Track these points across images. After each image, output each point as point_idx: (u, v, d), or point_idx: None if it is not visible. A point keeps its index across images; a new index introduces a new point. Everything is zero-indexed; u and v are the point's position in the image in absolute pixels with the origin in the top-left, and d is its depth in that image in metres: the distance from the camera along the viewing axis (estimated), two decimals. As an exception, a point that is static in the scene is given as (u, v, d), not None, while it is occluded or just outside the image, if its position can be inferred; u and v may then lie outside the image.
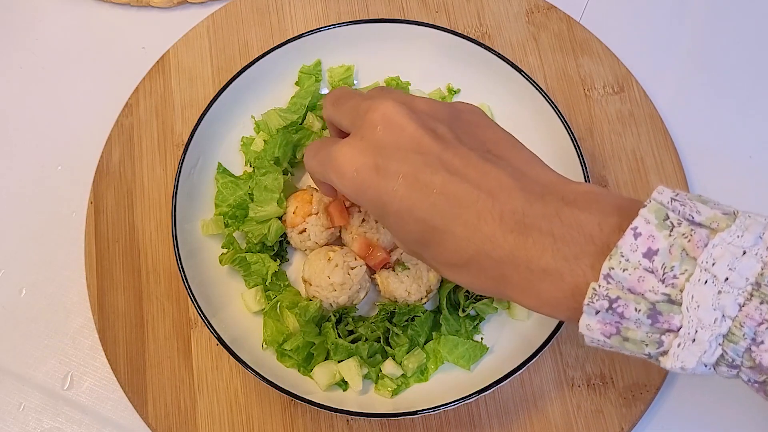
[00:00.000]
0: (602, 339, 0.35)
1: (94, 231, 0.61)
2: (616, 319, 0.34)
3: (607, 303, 0.34)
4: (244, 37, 0.67)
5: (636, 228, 0.34)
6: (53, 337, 0.60)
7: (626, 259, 0.34)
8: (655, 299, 0.33)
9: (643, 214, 0.34)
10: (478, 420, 0.56)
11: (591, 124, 0.64)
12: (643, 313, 0.33)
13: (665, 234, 0.33)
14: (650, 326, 0.34)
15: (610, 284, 0.34)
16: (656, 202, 0.35)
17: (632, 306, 0.34)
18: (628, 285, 0.34)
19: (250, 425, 0.56)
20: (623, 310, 0.34)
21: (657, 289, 0.33)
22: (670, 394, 0.57)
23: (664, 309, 0.33)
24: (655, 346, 0.34)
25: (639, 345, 0.34)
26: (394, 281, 0.56)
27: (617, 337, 0.35)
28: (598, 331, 0.35)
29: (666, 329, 0.33)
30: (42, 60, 0.69)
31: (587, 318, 0.35)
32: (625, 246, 0.34)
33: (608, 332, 0.35)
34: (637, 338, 0.34)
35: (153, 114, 0.65)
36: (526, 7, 0.68)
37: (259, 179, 0.58)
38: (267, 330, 0.56)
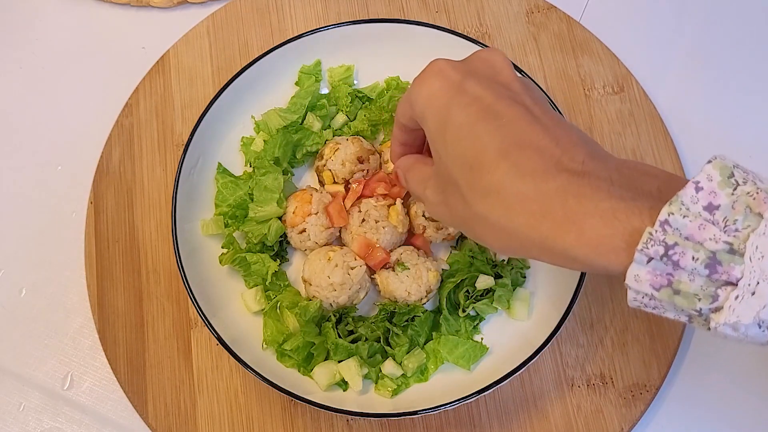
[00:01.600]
0: (650, 292, 0.33)
1: (94, 231, 0.61)
2: (669, 269, 0.32)
3: (663, 249, 0.32)
4: (244, 37, 0.67)
5: (698, 182, 0.33)
6: (53, 337, 0.60)
7: (686, 208, 0.32)
8: (716, 248, 0.31)
9: (707, 169, 0.33)
10: (478, 420, 0.56)
11: (591, 124, 0.64)
12: (701, 262, 0.32)
13: (728, 192, 0.32)
14: (706, 278, 0.32)
15: (667, 230, 0.32)
16: (720, 161, 0.33)
17: (690, 254, 0.32)
18: (687, 232, 0.32)
19: (250, 425, 0.56)
20: (679, 258, 0.32)
21: (719, 238, 0.31)
22: (670, 394, 0.57)
23: (724, 259, 0.31)
24: (709, 300, 0.32)
25: (691, 299, 0.32)
26: (394, 281, 0.56)
27: (667, 290, 0.33)
28: (646, 282, 0.33)
29: (724, 281, 0.32)
30: (42, 60, 0.69)
31: (636, 267, 0.33)
32: (686, 196, 0.32)
33: (658, 284, 0.33)
34: (689, 291, 0.32)
35: (153, 114, 0.65)
36: (526, 7, 0.68)
37: (259, 179, 0.58)
38: (267, 330, 0.56)
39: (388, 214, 0.57)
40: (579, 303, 0.58)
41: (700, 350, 0.59)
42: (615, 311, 0.58)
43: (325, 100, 0.63)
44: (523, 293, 0.58)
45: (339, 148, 0.59)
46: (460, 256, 0.58)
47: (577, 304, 0.54)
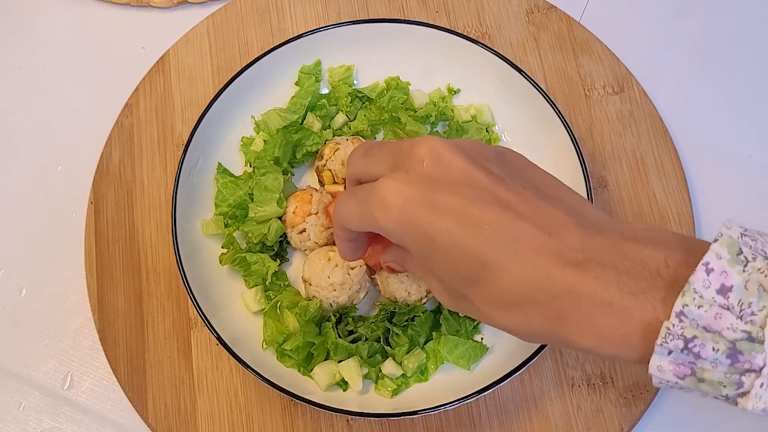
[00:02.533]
0: (674, 380, 0.33)
1: (94, 231, 0.61)
2: (691, 359, 0.32)
3: (682, 343, 0.32)
4: (244, 37, 0.67)
5: (708, 263, 0.32)
6: (53, 337, 0.60)
7: (700, 296, 0.32)
8: (735, 337, 0.31)
9: (715, 249, 0.32)
10: (478, 420, 0.56)
11: (591, 124, 0.64)
12: (722, 352, 0.31)
13: (739, 270, 0.32)
14: (729, 366, 0.32)
15: (683, 322, 0.32)
16: (727, 237, 0.33)
17: (710, 345, 0.32)
18: (704, 323, 0.32)
19: (250, 425, 0.56)
20: (700, 350, 0.32)
21: (736, 327, 0.31)
22: (670, 394, 0.57)
23: (744, 348, 0.31)
24: (734, 387, 0.32)
25: (716, 387, 0.32)
26: (394, 281, 0.56)
27: (692, 379, 0.33)
28: (670, 372, 0.33)
29: (746, 369, 0.32)
30: (42, 60, 0.69)
31: (658, 359, 0.33)
32: (698, 282, 0.32)
33: (682, 373, 0.33)
34: (714, 379, 0.32)
35: (153, 114, 0.65)
36: (526, 7, 0.68)
37: (259, 179, 0.58)
38: (267, 330, 0.56)
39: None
40: (579, 303, 0.58)
41: (700, 350, 0.59)
42: (615, 311, 0.58)
43: (325, 100, 0.63)
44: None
45: (339, 148, 0.59)
46: (460, 256, 0.58)
47: (577, 304, 0.54)
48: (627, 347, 0.34)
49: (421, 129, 0.61)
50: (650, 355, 0.33)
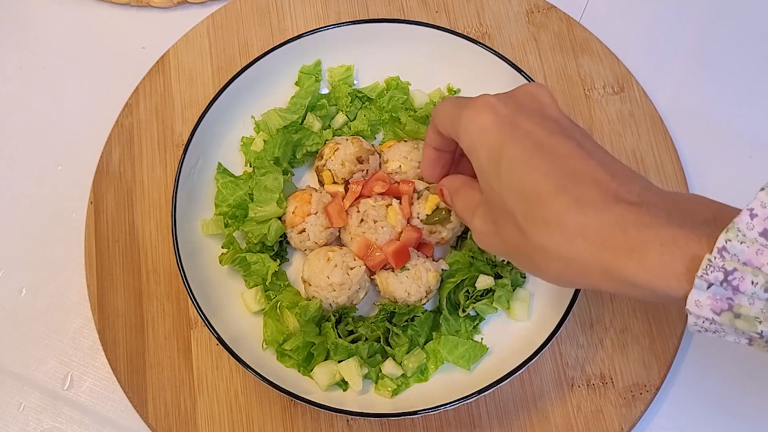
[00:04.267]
0: (711, 316, 0.34)
1: (94, 231, 0.61)
2: (729, 294, 0.33)
3: (722, 275, 0.33)
4: (244, 37, 0.67)
5: (752, 209, 0.34)
6: (53, 337, 0.60)
7: (743, 234, 0.33)
8: None
9: (760, 197, 0.34)
10: (478, 420, 0.56)
11: (591, 124, 0.64)
12: (760, 286, 0.32)
13: None
14: (766, 301, 0.33)
15: (725, 257, 0.33)
16: None
17: (749, 279, 0.33)
18: (745, 258, 0.33)
19: (250, 425, 0.56)
20: (739, 284, 0.33)
21: None
22: (670, 395, 0.57)
23: None
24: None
25: (752, 322, 0.33)
26: (394, 282, 0.56)
27: (728, 314, 0.34)
28: (707, 307, 0.34)
29: None
30: (42, 60, 0.69)
31: (697, 293, 0.34)
32: (742, 223, 0.33)
33: (719, 308, 0.34)
34: (750, 314, 0.33)
35: (153, 114, 0.65)
36: (526, 7, 0.68)
37: (259, 179, 0.58)
38: (267, 330, 0.56)
39: (387, 214, 0.57)
40: (579, 303, 0.58)
41: (700, 350, 0.59)
42: (615, 312, 0.58)
43: (325, 100, 0.63)
44: (523, 294, 0.57)
45: (339, 148, 0.59)
46: (460, 256, 0.58)
47: (577, 305, 0.55)
48: (666, 277, 0.35)
49: (421, 129, 0.61)
50: (689, 290, 0.34)
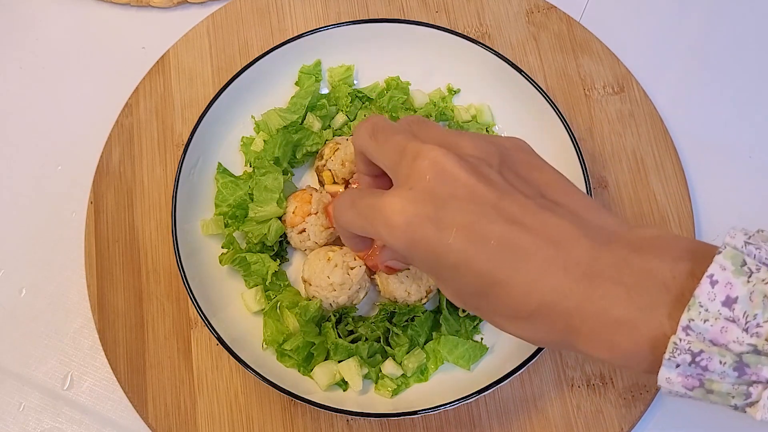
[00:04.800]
0: (683, 392, 0.34)
1: (94, 231, 0.61)
2: (699, 372, 0.33)
3: (690, 357, 0.33)
4: (244, 37, 0.67)
5: (712, 275, 0.33)
6: (53, 337, 0.60)
7: (705, 309, 0.32)
8: (741, 350, 0.32)
9: (719, 260, 0.33)
10: (478, 420, 0.56)
11: (591, 124, 0.64)
12: (728, 365, 0.32)
13: (743, 280, 0.32)
14: (737, 378, 0.32)
15: (690, 336, 0.33)
16: (731, 248, 0.33)
17: (716, 359, 0.32)
18: (710, 336, 0.32)
19: (250, 425, 0.56)
20: (707, 363, 0.32)
21: (742, 340, 0.32)
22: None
23: (751, 361, 0.32)
24: (743, 397, 0.33)
25: (725, 397, 0.33)
26: (394, 281, 0.56)
27: (700, 390, 0.33)
28: (679, 384, 0.34)
29: (754, 380, 0.32)
30: (42, 60, 0.69)
31: (667, 371, 0.34)
32: (703, 295, 0.32)
33: (690, 385, 0.33)
34: (722, 390, 0.33)
35: (153, 114, 0.65)
36: (526, 7, 0.68)
37: (259, 179, 0.58)
38: (267, 330, 0.56)
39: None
40: (579, 303, 0.58)
41: (700, 350, 0.59)
42: (615, 311, 0.58)
43: (325, 100, 0.63)
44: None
45: (339, 148, 0.59)
46: (460, 256, 0.58)
47: (577, 304, 0.55)
48: (636, 360, 0.35)
49: (421, 129, 0.61)
50: (659, 367, 0.34)
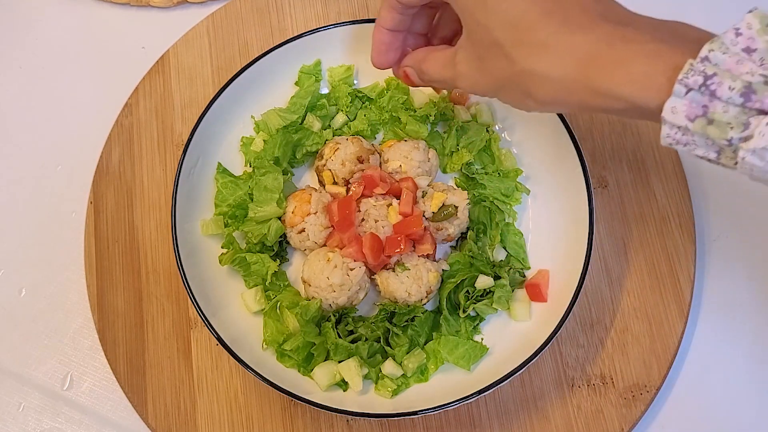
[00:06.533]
0: (684, 123, 0.35)
1: (94, 231, 0.61)
2: (705, 100, 0.34)
3: (702, 79, 0.34)
4: (244, 37, 0.67)
5: (738, 29, 0.35)
6: (53, 337, 0.60)
7: (726, 47, 0.34)
8: (752, 80, 0.34)
9: (747, 18, 0.35)
10: (478, 420, 0.56)
11: (591, 124, 0.64)
12: (737, 91, 0.34)
13: (766, 39, 0.34)
14: (740, 107, 0.34)
15: (706, 64, 0.34)
16: (761, 12, 0.35)
17: (727, 84, 0.34)
18: (726, 66, 0.34)
19: (250, 425, 0.56)
20: (716, 88, 0.34)
21: (755, 71, 0.34)
22: (670, 395, 0.57)
23: (759, 89, 0.33)
24: (741, 128, 0.34)
25: (723, 128, 0.34)
26: (395, 282, 0.56)
27: (701, 120, 0.35)
28: (682, 114, 0.35)
29: (757, 110, 0.34)
30: (42, 60, 0.69)
31: (674, 99, 0.35)
32: (727, 38, 0.35)
33: (693, 114, 0.35)
34: (723, 120, 0.34)
35: (153, 114, 0.65)
36: (527, 7, 0.68)
37: (258, 179, 0.58)
38: (267, 330, 0.56)
39: (388, 214, 0.57)
40: (579, 303, 0.58)
41: (700, 350, 0.59)
42: (615, 312, 0.58)
43: (325, 100, 0.63)
44: (524, 294, 0.57)
45: (339, 148, 0.59)
46: (460, 257, 0.58)
47: (577, 305, 0.54)
48: (650, 85, 0.36)
49: (421, 129, 0.61)
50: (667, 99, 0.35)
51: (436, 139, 0.62)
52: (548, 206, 0.60)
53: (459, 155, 0.61)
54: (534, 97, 0.42)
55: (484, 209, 0.60)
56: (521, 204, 0.60)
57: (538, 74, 0.41)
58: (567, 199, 0.58)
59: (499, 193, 0.59)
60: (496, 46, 0.42)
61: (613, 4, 0.41)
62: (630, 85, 0.37)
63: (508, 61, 0.42)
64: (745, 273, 0.60)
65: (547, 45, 0.40)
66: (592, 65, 0.38)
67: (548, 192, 0.60)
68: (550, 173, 0.60)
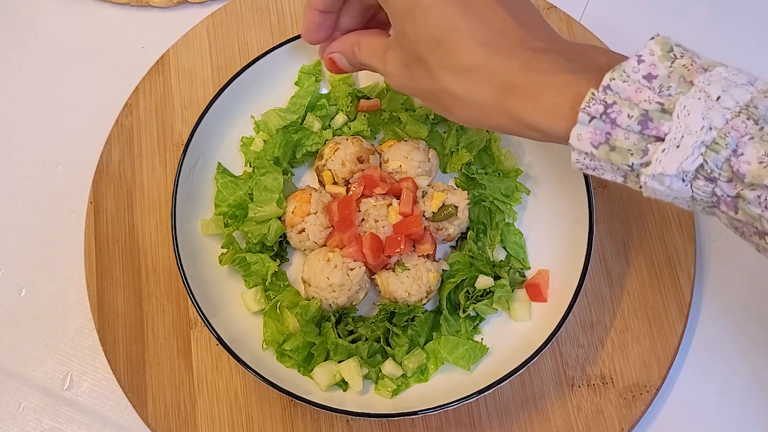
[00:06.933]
0: (589, 150, 0.37)
1: (94, 231, 0.61)
2: (608, 128, 0.36)
3: (603, 107, 0.36)
4: (244, 37, 0.67)
5: (641, 56, 0.36)
6: (53, 337, 0.60)
7: (627, 75, 0.36)
8: (649, 107, 0.35)
9: (650, 45, 0.37)
10: (478, 420, 0.56)
11: (591, 124, 0.64)
12: (634, 119, 0.35)
13: (666, 65, 0.36)
14: (639, 134, 0.35)
15: (608, 93, 0.36)
16: (663, 38, 0.37)
17: (626, 112, 0.35)
18: (626, 95, 0.36)
19: (250, 425, 0.56)
20: (616, 116, 0.36)
21: (652, 99, 0.35)
22: (670, 395, 0.57)
23: (655, 116, 0.35)
24: (640, 154, 0.36)
25: (624, 154, 0.36)
26: (395, 282, 0.56)
27: (605, 147, 0.36)
28: (587, 140, 0.37)
29: (654, 137, 0.35)
30: (42, 60, 0.69)
31: (579, 127, 0.37)
32: (628, 66, 0.36)
33: (597, 141, 0.36)
34: (624, 147, 0.36)
35: (153, 114, 0.65)
36: (527, 7, 0.68)
37: (258, 179, 0.58)
38: (267, 330, 0.56)
39: (388, 214, 0.57)
40: (579, 303, 0.58)
41: (700, 350, 0.59)
42: (615, 312, 0.58)
43: (325, 100, 0.63)
44: (524, 294, 0.57)
45: (339, 148, 0.59)
46: (460, 257, 0.58)
47: (577, 305, 0.54)
48: (558, 117, 0.38)
49: (421, 129, 0.61)
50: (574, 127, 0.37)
51: (436, 139, 0.62)
52: (548, 206, 0.60)
53: (459, 155, 0.61)
54: (454, 115, 0.44)
55: (484, 209, 0.60)
56: (521, 204, 0.60)
57: (458, 97, 0.42)
58: (567, 199, 0.58)
59: (499, 193, 0.59)
60: (422, 61, 0.43)
61: (536, 27, 0.42)
62: (542, 116, 0.39)
63: (432, 78, 0.43)
64: (745, 273, 0.60)
65: (469, 69, 0.41)
66: (508, 94, 0.40)
67: (548, 192, 0.60)
68: (550, 173, 0.60)
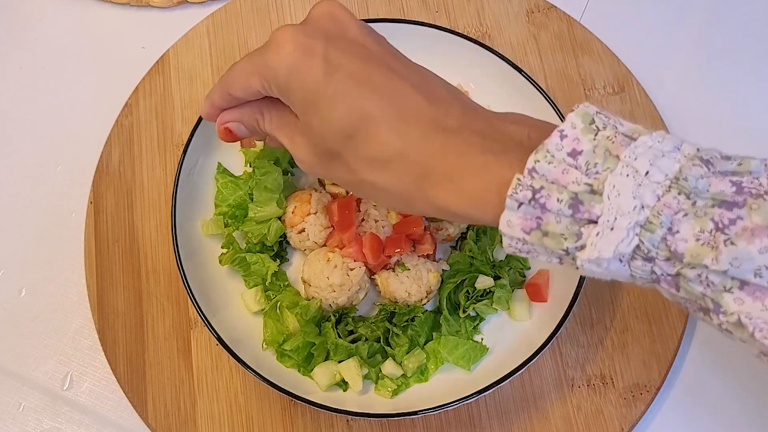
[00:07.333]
0: (521, 236, 0.35)
1: (94, 231, 0.61)
2: (538, 213, 0.35)
3: (531, 193, 0.34)
4: (244, 37, 0.67)
5: (563, 131, 0.35)
6: (53, 337, 0.60)
7: (551, 155, 0.34)
8: (578, 189, 0.34)
9: (571, 118, 0.35)
10: (478, 420, 0.56)
11: (591, 124, 0.64)
12: (564, 203, 0.34)
13: (590, 138, 0.35)
14: (571, 217, 0.34)
15: (534, 177, 0.34)
16: (583, 107, 0.36)
17: (555, 196, 0.34)
18: (552, 177, 0.34)
19: (250, 425, 0.56)
20: (546, 201, 0.34)
21: (580, 180, 0.34)
22: (670, 395, 0.57)
23: (585, 198, 0.34)
24: (574, 239, 0.34)
25: (558, 239, 0.34)
26: (395, 282, 0.56)
27: (537, 233, 0.35)
28: (518, 227, 0.35)
29: (586, 220, 0.34)
30: (42, 60, 0.69)
31: (509, 213, 0.35)
32: (551, 144, 0.35)
33: (528, 227, 0.35)
34: (556, 231, 0.34)
35: (153, 114, 0.65)
36: (526, 7, 0.68)
37: (259, 179, 0.58)
38: (267, 330, 0.56)
39: (388, 214, 0.57)
40: (579, 303, 0.58)
41: (700, 351, 0.59)
42: (615, 312, 0.58)
43: (325, 100, 0.63)
44: (524, 294, 0.57)
45: (339, 148, 0.59)
46: (460, 257, 0.58)
47: (577, 305, 0.54)
48: (483, 203, 0.37)
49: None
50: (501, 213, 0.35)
51: (436, 139, 0.62)
52: (548, 206, 0.60)
53: (459, 155, 0.61)
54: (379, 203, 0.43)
55: (484, 209, 0.60)
56: (521, 204, 0.60)
57: (380, 187, 0.40)
58: (567, 199, 0.58)
59: (499, 193, 0.59)
60: (335, 154, 0.41)
61: (447, 102, 0.40)
62: (463, 204, 0.37)
63: (349, 170, 0.41)
64: (745, 273, 0.60)
65: (386, 160, 0.39)
66: (426, 182, 0.38)
67: (548, 192, 0.60)
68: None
